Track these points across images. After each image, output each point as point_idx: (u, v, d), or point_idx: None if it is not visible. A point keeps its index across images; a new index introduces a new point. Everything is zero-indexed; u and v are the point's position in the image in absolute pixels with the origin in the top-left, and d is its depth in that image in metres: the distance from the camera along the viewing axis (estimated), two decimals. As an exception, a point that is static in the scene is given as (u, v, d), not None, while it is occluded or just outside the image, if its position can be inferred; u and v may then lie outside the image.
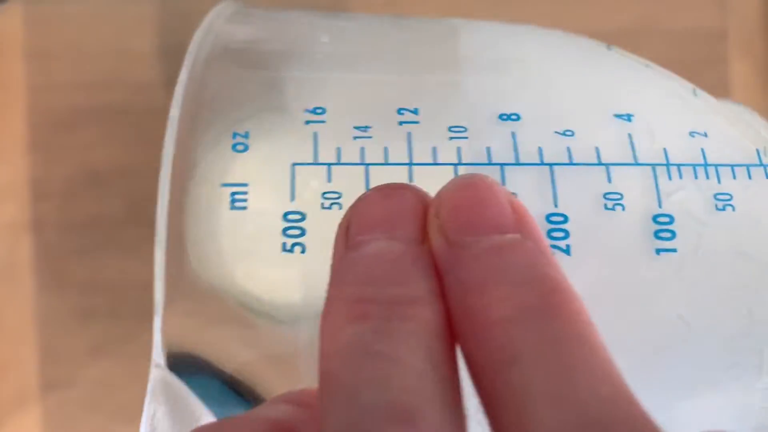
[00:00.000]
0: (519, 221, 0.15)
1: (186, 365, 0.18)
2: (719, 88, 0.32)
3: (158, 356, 0.17)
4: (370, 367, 0.13)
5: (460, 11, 0.34)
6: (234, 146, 0.19)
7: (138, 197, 0.34)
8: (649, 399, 0.19)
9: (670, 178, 0.19)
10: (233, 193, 0.18)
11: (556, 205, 0.18)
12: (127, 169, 0.33)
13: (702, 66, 0.21)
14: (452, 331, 0.15)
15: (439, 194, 0.16)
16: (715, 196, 0.19)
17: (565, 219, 0.18)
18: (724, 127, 0.20)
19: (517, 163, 0.19)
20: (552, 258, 0.15)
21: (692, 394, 0.19)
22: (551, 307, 0.14)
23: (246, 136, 0.19)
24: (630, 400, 0.13)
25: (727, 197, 0.19)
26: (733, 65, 0.34)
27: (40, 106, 0.33)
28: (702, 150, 0.19)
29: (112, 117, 0.33)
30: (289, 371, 0.18)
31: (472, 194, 0.16)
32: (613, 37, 0.23)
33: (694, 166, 0.19)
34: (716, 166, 0.19)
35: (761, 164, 0.19)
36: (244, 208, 0.18)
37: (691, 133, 0.20)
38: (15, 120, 0.33)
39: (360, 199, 0.16)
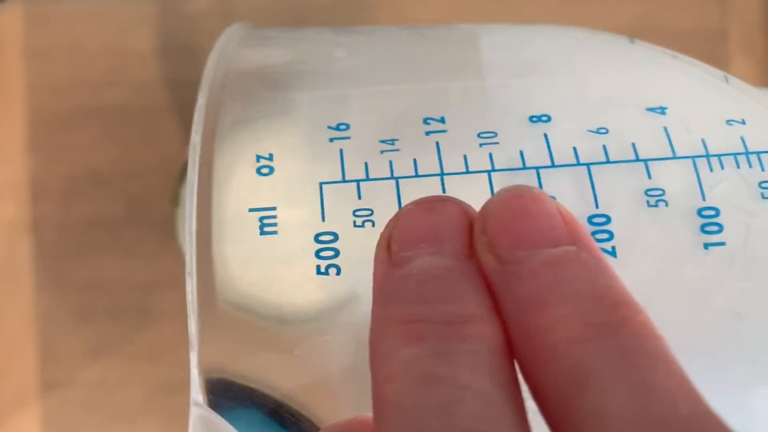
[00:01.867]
0: (571, 232, 0.15)
1: (226, 398, 0.17)
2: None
3: (196, 393, 0.17)
4: (432, 393, 0.13)
5: (461, 11, 0.34)
6: (258, 170, 0.18)
7: (138, 197, 0.33)
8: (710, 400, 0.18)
9: (711, 169, 0.18)
10: (262, 218, 0.17)
11: (597, 206, 0.18)
12: (127, 169, 0.33)
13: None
14: (511, 349, 0.14)
15: (484, 209, 0.15)
16: (759, 184, 0.18)
17: (608, 220, 0.17)
18: (761, 112, 0.19)
19: (553, 165, 0.18)
20: (611, 269, 0.14)
21: (755, 392, 0.18)
22: (618, 322, 0.13)
23: (270, 158, 0.18)
24: (711, 416, 0.12)
25: (773, 185, 0.18)
26: (733, 65, 0.34)
27: (40, 106, 0.33)
28: (741, 138, 0.19)
29: (113, 116, 0.33)
30: (333, 398, 0.17)
31: (520, 207, 0.15)
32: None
33: (735, 155, 0.18)
34: (758, 153, 0.18)
35: (805, 148, 0.19)
36: (275, 232, 0.17)
37: (728, 122, 0.19)
38: (15, 120, 0.33)
39: (400, 214, 0.16)
